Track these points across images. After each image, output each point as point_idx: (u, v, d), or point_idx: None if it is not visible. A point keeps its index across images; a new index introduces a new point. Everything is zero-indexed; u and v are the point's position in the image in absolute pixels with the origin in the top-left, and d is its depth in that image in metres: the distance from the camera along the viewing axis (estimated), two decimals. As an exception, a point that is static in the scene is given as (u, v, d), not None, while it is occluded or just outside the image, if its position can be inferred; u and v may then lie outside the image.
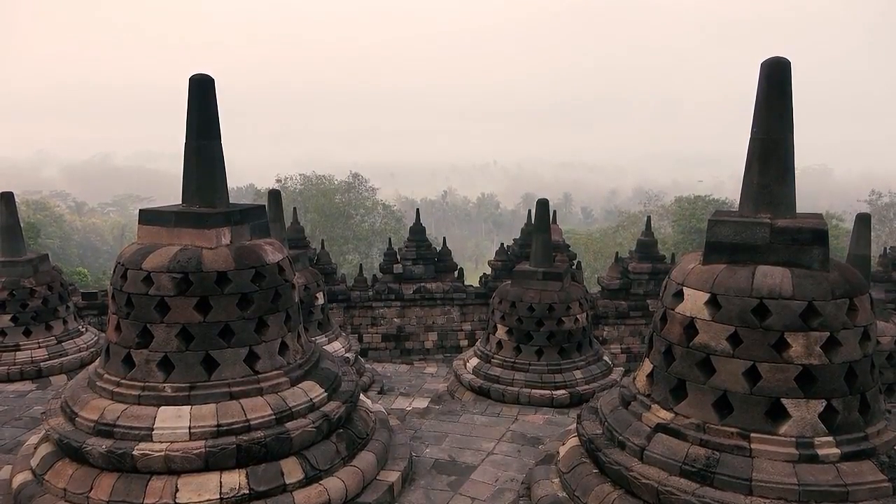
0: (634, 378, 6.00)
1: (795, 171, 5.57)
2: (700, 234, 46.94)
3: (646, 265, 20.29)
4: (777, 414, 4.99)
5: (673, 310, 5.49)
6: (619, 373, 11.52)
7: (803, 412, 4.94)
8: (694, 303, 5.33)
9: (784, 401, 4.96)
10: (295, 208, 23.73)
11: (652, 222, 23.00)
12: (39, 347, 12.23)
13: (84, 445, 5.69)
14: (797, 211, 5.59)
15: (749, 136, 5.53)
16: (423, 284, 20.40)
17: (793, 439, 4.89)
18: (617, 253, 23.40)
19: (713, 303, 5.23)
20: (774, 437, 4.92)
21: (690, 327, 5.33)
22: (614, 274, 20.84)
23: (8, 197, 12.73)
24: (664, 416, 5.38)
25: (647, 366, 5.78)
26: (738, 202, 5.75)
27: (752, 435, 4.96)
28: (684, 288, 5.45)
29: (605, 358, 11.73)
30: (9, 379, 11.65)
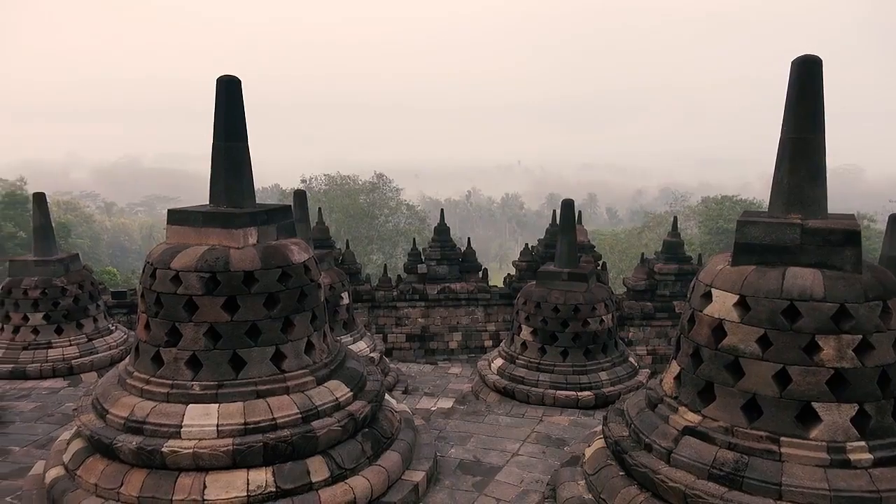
0: (661, 380, 5.94)
1: (826, 171, 5.48)
2: (727, 234, 46.36)
3: (672, 266, 20.08)
4: (808, 418, 4.91)
5: (701, 311, 5.43)
6: (645, 374, 11.42)
7: (835, 416, 4.85)
8: (722, 304, 5.26)
9: (815, 405, 4.87)
10: (320, 208, 23.84)
11: (678, 223, 22.76)
12: (71, 345, 12.47)
13: (115, 442, 5.78)
14: (828, 212, 5.50)
15: (779, 135, 5.46)
16: (447, 285, 20.38)
17: (824, 444, 4.81)
18: (643, 254, 23.18)
19: (742, 304, 5.16)
20: (805, 442, 4.84)
21: (719, 329, 5.26)
22: (640, 275, 20.65)
23: (40, 198, 13.00)
24: (692, 418, 5.32)
25: (674, 368, 5.72)
26: (768, 203, 5.67)
27: (782, 439, 4.89)
28: (713, 289, 5.38)
29: (631, 359, 11.63)
30: (41, 376, 11.89)
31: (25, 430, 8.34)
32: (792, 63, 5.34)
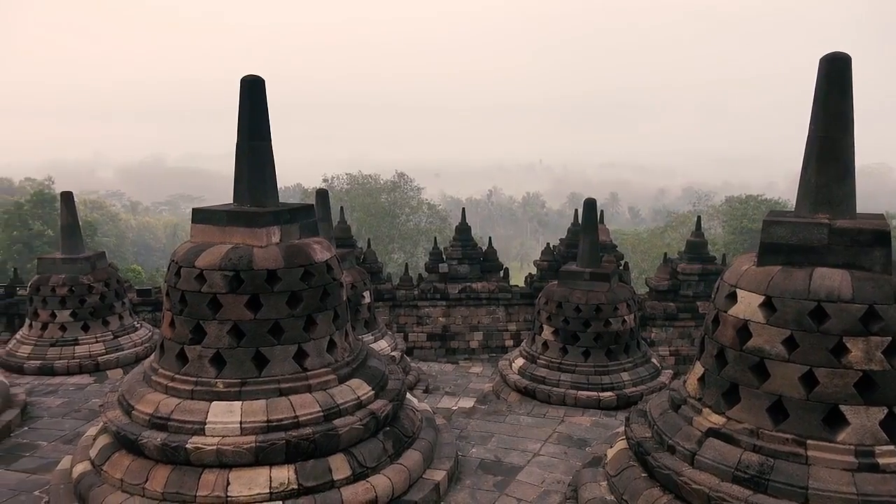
0: (685, 381, 5.89)
1: (855, 170, 5.39)
2: (752, 234, 45.85)
3: (696, 266, 19.89)
4: (835, 421, 4.84)
5: (725, 312, 5.37)
6: (667, 375, 11.32)
7: (863, 419, 4.77)
8: (748, 305, 5.20)
9: (842, 407, 4.80)
10: (342, 207, 23.95)
11: (702, 223, 22.53)
12: (97, 342, 12.64)
13: (140, 438, 5.85)
14: (857, 211, 5.41)
15: (806, 134, 5.38)
16: (468, 284, 20.37)
17: (851, 447, 4.73)
18: (665, 254, 22.99)
19: (768, 305, 5.09)
20: (832, 445, 4.77)
21: (744, 330, 5.20)
22: (663, 275, 20.48)
23: (68, 197, 13.21)
24: (716, 420, 5.26)
25: (698, 369, 5.67)
26: (794, 202, 5.59)
27: (809, 442, 4.82)
28: (738, 290, 5.32)
29: (654, 360, 11.54)
30: (68, 372, 12.07)
31: (53, 426, 8.48)
32: (820, 60, 5.26)
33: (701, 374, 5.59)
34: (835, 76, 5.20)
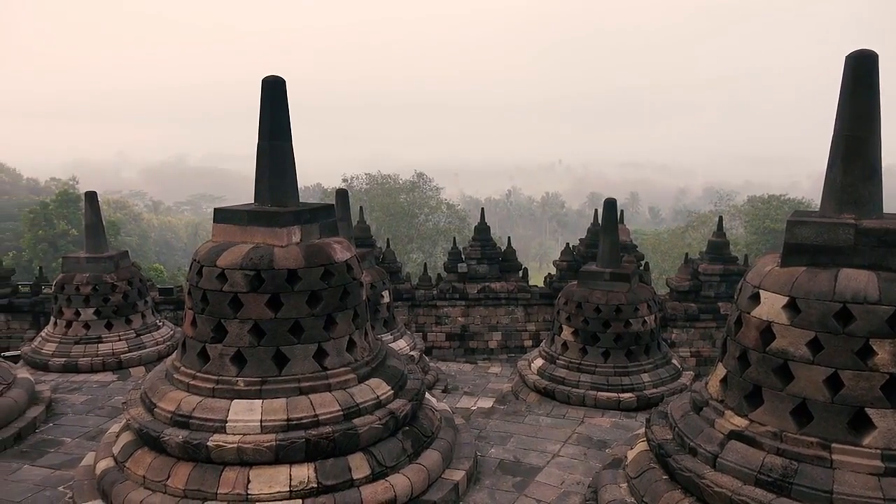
0: (706, 383, 5.83)
1: (881, 170, 5.30)
2: (774, 235, 45.33)
3: (717, 266, 19.70)
4: (861, 424, 4.76)
5: (748, 313, 5.31)
6: (688, 377, 11.22)
7: (889, 423, 4.69)
8: (771, 306, 5.14)
9: (869, 410, 4.72)
10: (361, 207, 23.98)
11: (723, 223, 22.30)
12: (120, 340, 12.79)
13: (162, 435, 5.92)
14: (884, 211, 5.32)
15: (831, 132, 5.30)
16: (487, 284, 20.34)
17: (878, 451, 4.65)
18: (686, 254, 22.79)
19: (792, 307, 5.03)
20: (858, 449, 4.70)
21: (767, 332, 5.14)
22: (684, 275, 20.30)
23: (92, 196, 13.38)
24: (738, 422, 5.20)
25: (720, 370, 5.61)
26: (818, 202, 5.51)
27: (834, 445, 4.75)
28: (761, 291, 5.26)
29: (674, 361, 11.44)
30: (92, 369, 12.23)
31: (77, 422, 8.59)
32: (846, 58, 5.19)
33: (723, 375, 5.53)
34: (861, 74, 5.12)
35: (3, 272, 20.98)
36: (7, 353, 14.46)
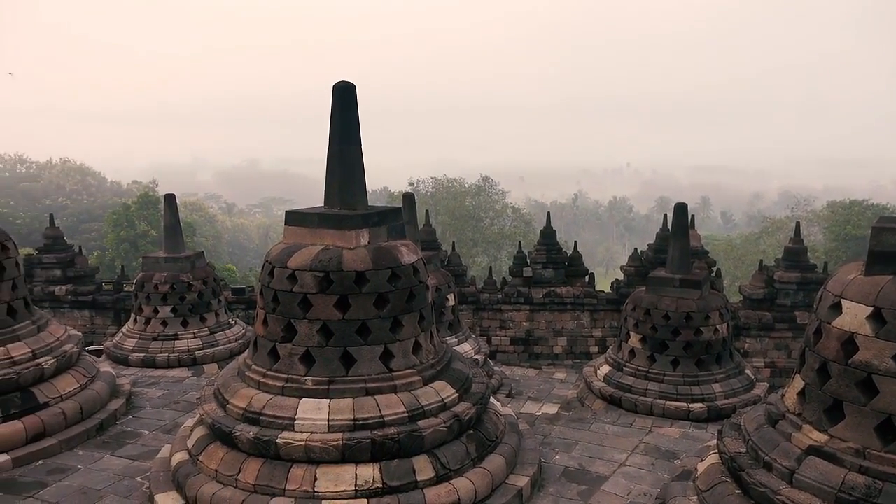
0: (783, 395, 5.61)
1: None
2: (856, 241, 43.30)
3: (794, 274, 18.93)
4: (952, 443, 4.49)
5: (829, 324, 5.08)
6: (762, 388, 10.82)
7: (985, 443, 4.41)
8: (854, 317, 4.90)
9: (961, 429, 4.45)
10: (427, 211, 24.13)
11: (801, 229, 21.43)
12: (195, 337, 13.24)
13: (234, 431, 6.09)
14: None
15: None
16: (553, 289, 20.15)
17: (972, 473, 4.38)
18: (761, 261, 21.98)
19: (877, 318, 4.79)
20: (949, 469, 4.43)
21: (849, 343, 4.91)
22: (758, 283, 19.60)
23: (170, 198, 13.91)
24: (817, 438, 4.98)
25: (797, 382, 5.39)
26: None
27: (922, 465, 4.49)
28: (843, 300, 5.03)
29: (748, 372, 11.05)
30: (168, 365, 12.70)
31: (154, 416, 8.94)
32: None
33: (801, 388, 5.31)
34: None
35: (88, 271, 22.10)
36: (91, 348, 15.19)
